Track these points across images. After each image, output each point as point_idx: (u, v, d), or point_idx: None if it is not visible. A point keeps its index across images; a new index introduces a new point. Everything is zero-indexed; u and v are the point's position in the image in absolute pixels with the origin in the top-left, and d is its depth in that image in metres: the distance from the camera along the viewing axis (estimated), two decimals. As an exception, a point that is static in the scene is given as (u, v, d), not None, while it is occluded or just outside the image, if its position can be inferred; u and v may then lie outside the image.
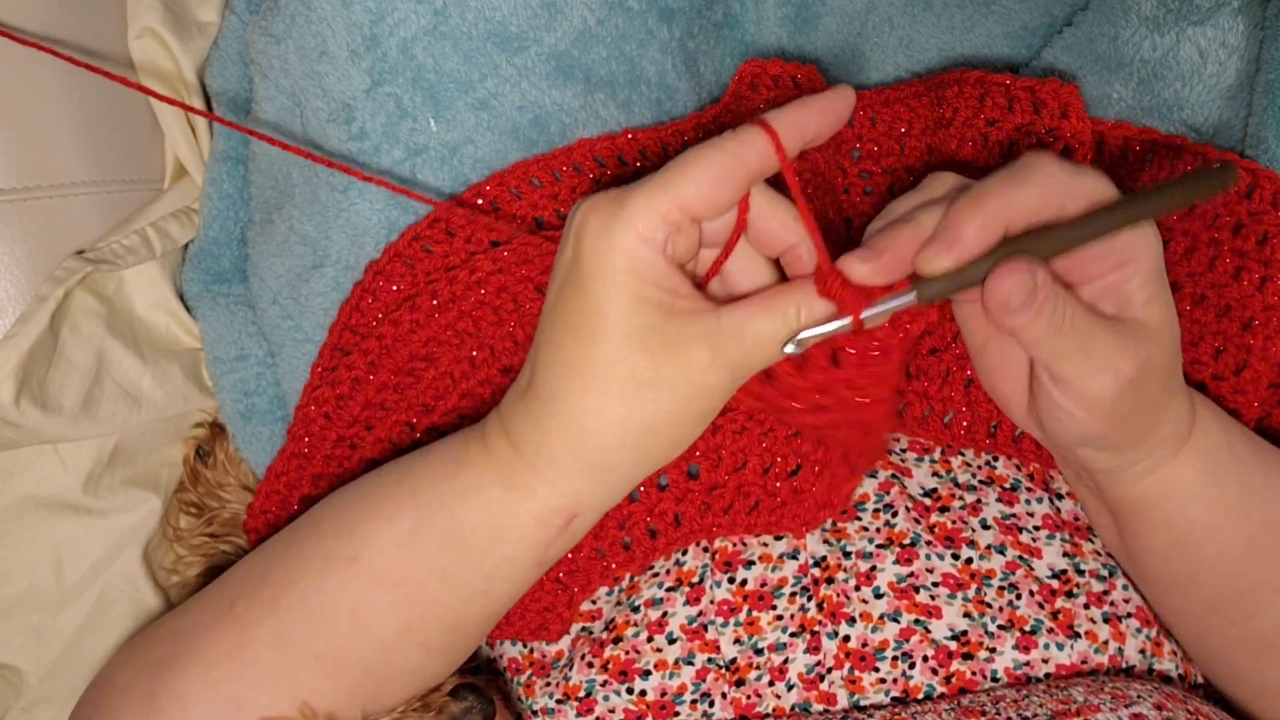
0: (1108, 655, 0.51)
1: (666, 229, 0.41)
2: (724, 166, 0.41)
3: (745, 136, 0.42)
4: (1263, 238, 0.53)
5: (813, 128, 0.43)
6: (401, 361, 0.58)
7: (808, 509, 0.53)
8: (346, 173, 0.53)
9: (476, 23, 0.56)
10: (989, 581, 0.52)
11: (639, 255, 0.41)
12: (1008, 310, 0.41)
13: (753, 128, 0.42)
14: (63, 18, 0.60)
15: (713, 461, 0.53)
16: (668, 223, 0.41)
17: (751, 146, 0.42)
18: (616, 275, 0.41)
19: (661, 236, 0.41)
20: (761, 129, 0.42)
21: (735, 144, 0.41)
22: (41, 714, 0.65)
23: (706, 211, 0.42)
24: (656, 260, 0.41)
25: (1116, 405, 0.44)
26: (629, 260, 0.41)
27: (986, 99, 0.55)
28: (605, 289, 0.41)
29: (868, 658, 0.51)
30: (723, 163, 0.41)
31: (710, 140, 0.42)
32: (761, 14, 0.65)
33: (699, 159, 0.41)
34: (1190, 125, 0.57)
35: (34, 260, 0.59)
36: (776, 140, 0.42)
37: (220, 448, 0.69)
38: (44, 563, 0.64)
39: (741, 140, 0.42)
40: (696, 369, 0.42)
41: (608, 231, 0.41)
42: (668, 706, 0.52)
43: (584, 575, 0.55)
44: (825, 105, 0.43)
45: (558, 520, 0.46)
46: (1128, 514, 0.50)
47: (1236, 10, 0.56)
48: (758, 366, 0.43)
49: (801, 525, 0.53)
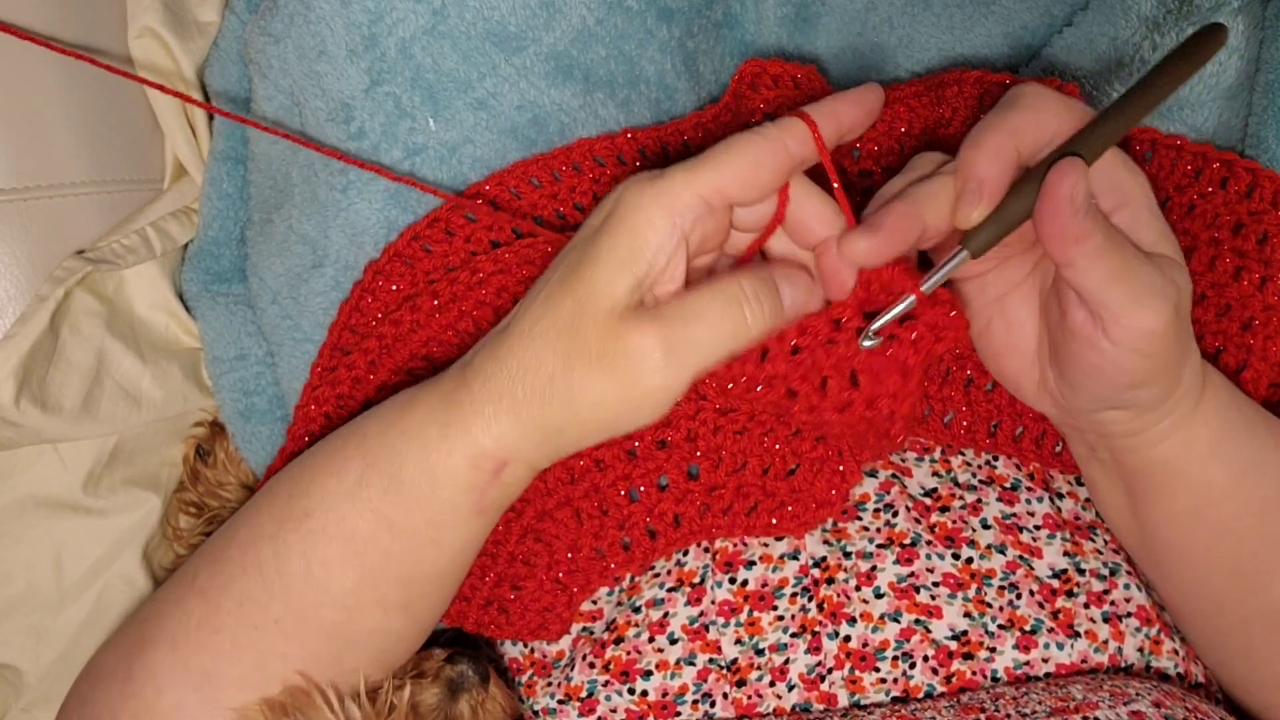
0: (1107, 654, 0.51)
1: (699, 208, 0.42)
2: (766, 152, 0.43)
3: (786, 125, 0.43)
4: (1263, 237, 0.53)
5: (848, 120, 0.45)
6: (401, 361, 0.58)
7: (806, 509, 0.53)
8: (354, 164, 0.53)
9: (475, 22, 0.56)
10: (989, 581, 0.52)
11: (658, 225, 0.42)
12: (1075, 211, 0.41)
13: (792, 118, 0.43)
14: (63, 17, 0.59)
15: (713, 462, 0.53)
16: (701, 201, 0.42)
17: (793, 134, 0.43)
18: (627, 235, 0.42)
19: (691, 216, 0.42)
20: (801, 119, 0.43)
21: (777, 131, 0.43)
22: (41, 714, 0.65)
23: (744, 194, 0.43)
24: (670, 237, 0.42)
25: (1164, 339, 0.44)
26: (645, 226, 0.42)
27: (986, 99, 0.55)
28: (611, 244, 0.43)
29: (868, 658, 0.51)
30: (765, 148, 0.43)
31: (752, 129, 0.43)
32: (761, 14, 0.65)
33: (742, 142, 0.43)
34: (1190, 125, 0.57)
35: (34, 260, 0.59)
36: (815, 130, 0.43)
37: (220, 446, 0.69)
38: (44, 563, 0.64)
39: (783, 128, 0.43)
40: (630, 348, 0.42)
41: (642, 195, 0.42)
42: (669, 707, 0.52)
43: (583, 575, 0.55)
44: (859, 99, 0.45)
45: (488, 465, 0.46)
46: (1146, 481, 0.50)
47: (1236, 10, 0.56)
48: (703, 353, 0.43)
49: (800, 526, 0.53)
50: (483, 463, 0.46)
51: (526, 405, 0.45)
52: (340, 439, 0.51)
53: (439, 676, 0.54)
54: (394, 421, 0.49)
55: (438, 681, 0.53)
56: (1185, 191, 0.55)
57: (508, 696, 0.55)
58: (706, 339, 0.43)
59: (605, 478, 0.54)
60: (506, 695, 0.55)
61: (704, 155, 0.43)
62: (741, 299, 0.43)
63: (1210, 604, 0.52)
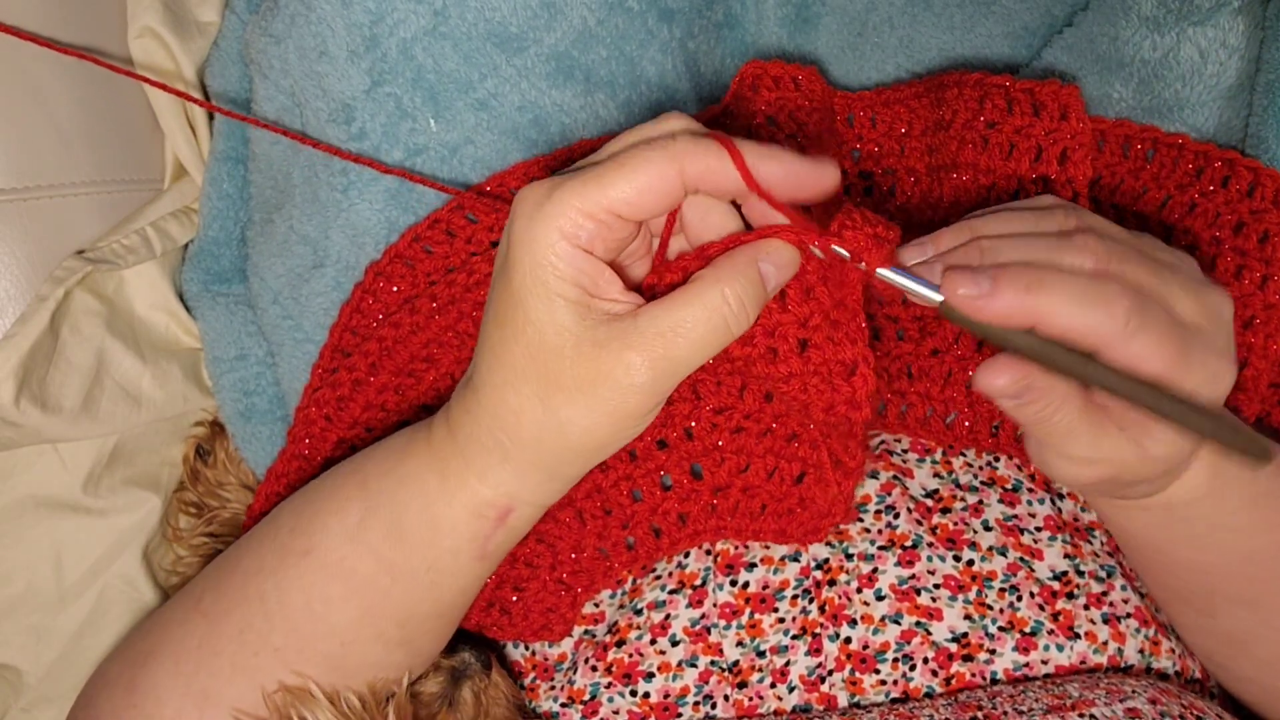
0: (1107, 655, 0.51)
1: (592, 227, 0.39)
2: (662, 174, 0.39)
3: (694, 148, 0.39)
4: (1264, 236, 0.53)
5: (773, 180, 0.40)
6: (402, 363, 0.57)
7: (812, 517, 0.53)
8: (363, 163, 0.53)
9: (476, 23, 0.56)
10: (990, 583, 0.52)
11: (560, 251, 0.39)
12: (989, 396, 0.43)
13: (710, 140, 0.40)
14: (63, 18, 0.59)
15: (715, 460, 0.53)
16: (594, 221, 0.39)
17: (696, 159, 0.39)
18: (536, 270, 0.40)
19: (585, 235, 0.39)
20: (719, 144, 0.40)
21: (680, 150, 0.39)
22: (41, 714, 0.65)
23: (635, 216, 0.40)
24: (577, 257, 0.40)
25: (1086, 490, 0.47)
26: (549, 254, 0.39)
27: (986, 101, 0.55)
28: (525, 282, 0.40)
29: (869, 660, 0.51)
30: (662, 170, 0.39)
31: (658, 141, 0.40)
32: (762, 14, 0.65)
33: (638, 160, 0.39)
34: (1191, 125, 0.57)
35: (34, 260, 0.59)
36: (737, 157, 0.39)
37: (221, 446, 0.69)
38: (44, 563, 0.64)
39: (689, 151, 0.39)
40: (614, 373, 0.40)
41: (532, 223, 0.39)
42: (671, 708, 0.52)
43: (587, 576, 0.55)
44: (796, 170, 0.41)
45: (491, 513, 0.46)
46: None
47: (1237, 10, 0.56)
48: (685, 359, 0.41)
49: (808, 535, 0.53)
50: (486, 511, 0.46)
51: (518, 452, 0.44)
52: (341, 477, 0.50)
53: (441, 665, 0.54)
54: (392, 468, 0.48)
55: (440, 670, 0.54)
56: (1187, 190, 0.55)
57: (510, 684, 0.56)
58: (688, 353, 0.40)
59: (608, 478, 0.54)
60: (509, 683, 0.55)
61: (596, 169, 0.39)
62: (724, 309, 0.40)
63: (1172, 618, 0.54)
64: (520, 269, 0.40)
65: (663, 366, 0.40)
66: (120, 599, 0.66)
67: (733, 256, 0.41)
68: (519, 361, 0.41)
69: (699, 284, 0.40)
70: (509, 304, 0.41)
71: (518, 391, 0.42)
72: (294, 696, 0.48)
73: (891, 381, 0.56)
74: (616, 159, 0.39)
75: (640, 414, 0.42)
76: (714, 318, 0.40)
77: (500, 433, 0.43)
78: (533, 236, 0.39)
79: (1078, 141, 0.53)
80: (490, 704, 0.54)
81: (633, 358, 0.40)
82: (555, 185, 0.40)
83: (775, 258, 0.41)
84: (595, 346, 0.40)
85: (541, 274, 0.39)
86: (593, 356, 0.40)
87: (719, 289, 0.40)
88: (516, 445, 0.43)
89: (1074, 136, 0.53)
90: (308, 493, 0.52)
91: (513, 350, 0.41)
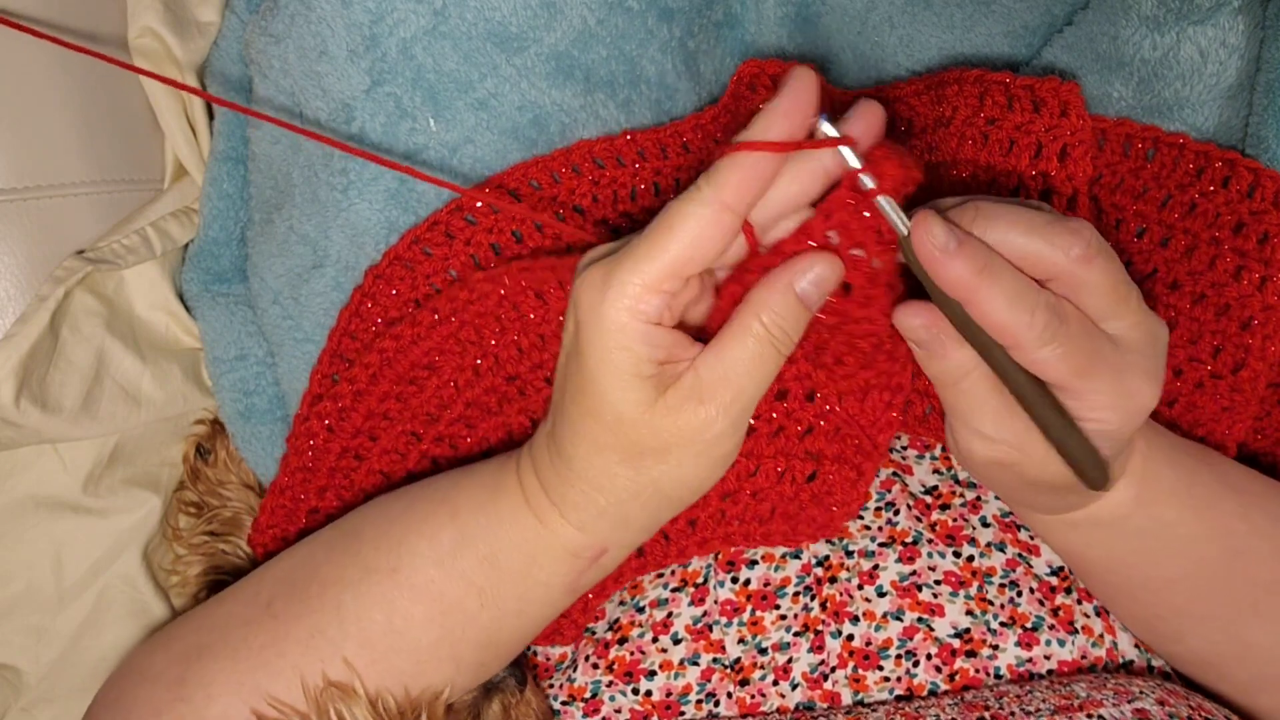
0: (1104, 649, 0.51)
1: (659, 299, 0.40)
2: (707, 221, 0.40)
3: (717, 179, 0.40)
4: (1263, 237, 0.53)
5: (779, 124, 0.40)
6: (403, 370, 0.57)
7: (826, 512, 0.53)
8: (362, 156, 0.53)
9: (476, 23, 0.56)
10: (990, 579, 0.52)
11: (631, 331, 0.41)
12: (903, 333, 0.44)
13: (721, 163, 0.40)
14: (63, 18, 0.59)
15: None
16: (659, 293, 0.40)
17: (727, 187, 0.40)
18: (609, 354, 0.41)
19: (653, 309, 0.40)
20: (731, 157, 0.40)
21: (711, 191, 0.40)
22: (41, 714, 0.65)
23: (699, 268, 0.41)
24: (648, 332, 0.41)
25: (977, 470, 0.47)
26: (621, 338, 0.41)
27: (986, 98, 0.55)
28: (599, 367, 0.41)
29: (871, 656, 0.51)
30: (705, 217, 0.40)
31: (687, 193, 0.40)
32: (761, 13, 0.65)
33: (680, 217, 0.40)
34: (1191, 124, 0.58)
35: (34, 260, 0.59)
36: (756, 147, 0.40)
37: (221, 445, 0.69)
38: (44, 563, 0.64)
39: (716, 184, 0.40)
40: (693, 429, 0.42)
41: (599, 310, 0.41)
42: (673, 706, 0.52)
43: (599, 582, 0.55)
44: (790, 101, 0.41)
45: (588, 554, 0.48)
46: None
47: (1237, 10, 0.56)
48: (751, 393, 0.42)
49: (818, 531, 0.53)
50: (583, 553, 0.48)
51: (614, 509, 0.46)
52: (430, 503, 0.51)
53: None
54: (485, 504, 0.49)
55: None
56: (1187, 190, 0.55)
57: (542, 702, 0.55)
58: (750, 387, 0.42)
59: None
60: (540, 699, 0.55)
61: (645, 240, 0.40)
62: (766, 338, 0.42)
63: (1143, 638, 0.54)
64: (593, 352, 0.41)
65: (735, 409, 0.42)
66: (120, 599, 0.66)
67: (763, 286, 0.42)
68: (600, 436, 0.43)
69: (740, 321, 0.42)
70: (582, 384, 0.43)
71: (606, 462, 0.44)
72: (337, 692, 0.48)
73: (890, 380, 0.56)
74: (660, 222, 0.40)
75: (730, 453, 0.44)
76: (760, 348, 0.42)
77: (595, 495, 0.45)
78: (601, 321, 0.41)
79: (1078, 138, 0.53)
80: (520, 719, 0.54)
81: (707, 411, 0.42)
82: (612, 266, 0.41)
83: (811, 275, 0.42)
84: (670, 412, 0.42)
85: (614, 357, 0.41)
86: (670, 421, 0.42)
87: (755, 321, 0.42)
88: (612, 504, 0.46)
89: (1074, 133, 0.53)
90: (390, 513, 0.52)
91: (592, 426, 0.43)
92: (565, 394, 0.44)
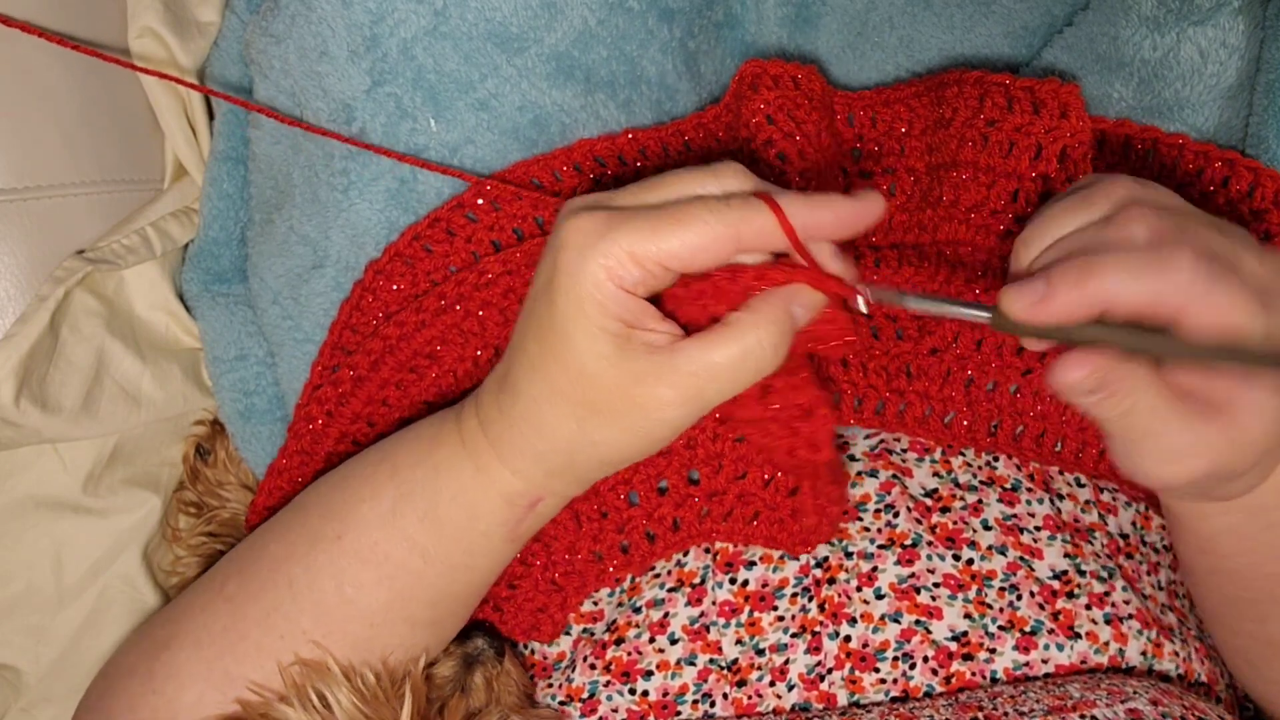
0: (1108, 656, 0.51)
1: (639, 273, 0.41)
2: (716, 238, 0.41)
3: (749, 213, 0.41)
4: (1264, 237, 0.53)
5: (823, 229, 0.42)
6: (405, 359, 0.58)
7: (804, 529, 0.53)
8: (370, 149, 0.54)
9: (477, 23, 0.56)
10: (990, 582, 0.52)
11: (605, 289, 0.41)
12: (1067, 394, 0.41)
13: (761, 204, 0.41)
14: (63, 18, 0.59)
15: (713, 468, 0.53)
16: (642, 269, 0.41)
17: (751, 225, 0.41)
18: (582, 302, 0.41)
19: (631, 279, 0.41)
20: (769, 208, 0.41)
21: (736, 217, 0.40)
22: (41, 714, 0.65)
23: (684, 269, 0.42)
24: (620, 296, 0.41)
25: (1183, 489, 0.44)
26: (595, 292, 0.41)
27: (986, 99, 0.55)
28: (569, 310, 0.41)
29: (868, 658, 0.51)
30: (717, 233, 0.40)
31: (714, 204, 0.41)
32: (762, 14, 0.65)
33: (695, 220, 0.40)
34: (1191, 125, 0.57)
35: (34, 260, 0.59)
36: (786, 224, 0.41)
37: (221, 445, 0.69)
38: (44, 563, 0.64)
39: (744, 216, 0.41)
40: (650, 405, 0.42)
41: (582, 257, 0.41)
42: (669, 706, 0.52)
43: (579, 578, 0.55)
44: (846, 211, 0.42)
45: (523, 501, 0.48)
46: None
47: (1237, 10, 0.56)
48: (715, 398, 0.42)
49: (797, 545, 0.53)
50: (518, 500, 0.48)
51: (550, 458, 0.46)
52: (370, 465, 0.51)
53: (454, 651, 0.55)
54: (423, 457, 0.49)
55: (453, 655, 0.54)
56: (1187, 190, 0.55)
57: (521, 673, 0.56)
58: (718, 393, 0.42)
59: (605, 482, 0.54)
60: (520, 672, 0.56)
61: (653, 218, 0.41)
62: (758, 353, 0.41)
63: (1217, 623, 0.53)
64: (565, 297, 0.41)
65: (694, 404, 0.42)
66: (120, 599, 0.66)
67: (771, 302, 0.42)
68: (557, 380, 0.43)
69: (738, 328, 0.42)
70: (550, 324, 0.43)
71: (554, 407, 0.44)
72: (311, 671, 0.49)
73: (890, 380, 0.56)
74: (673, 213, 0.41)
75: (666, 440, 0.44)
76: (748, 362, 0.41)
77: (535, 439, 0.45)
78: (581, 269, 0.41)
79: (1077, 140, 0.53)
80: (501, 691, 0.54)
81: (667, 394, 0.42)
82: (610, 224, 0.41)
83: (805, 301, 0.43)
84: (633, 378, 0.42)
85: (586, 306, 0.41)
86: (629, 387, 0.42)
87: (756, 334, 0.41)
88: (549, 452, 0.46)
89: (1074, 135, 0.53)
90: (334, 481, 0.53)
91: (551, 368, 0.43)
92: (528, 331, 0.44)
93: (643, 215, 0.41)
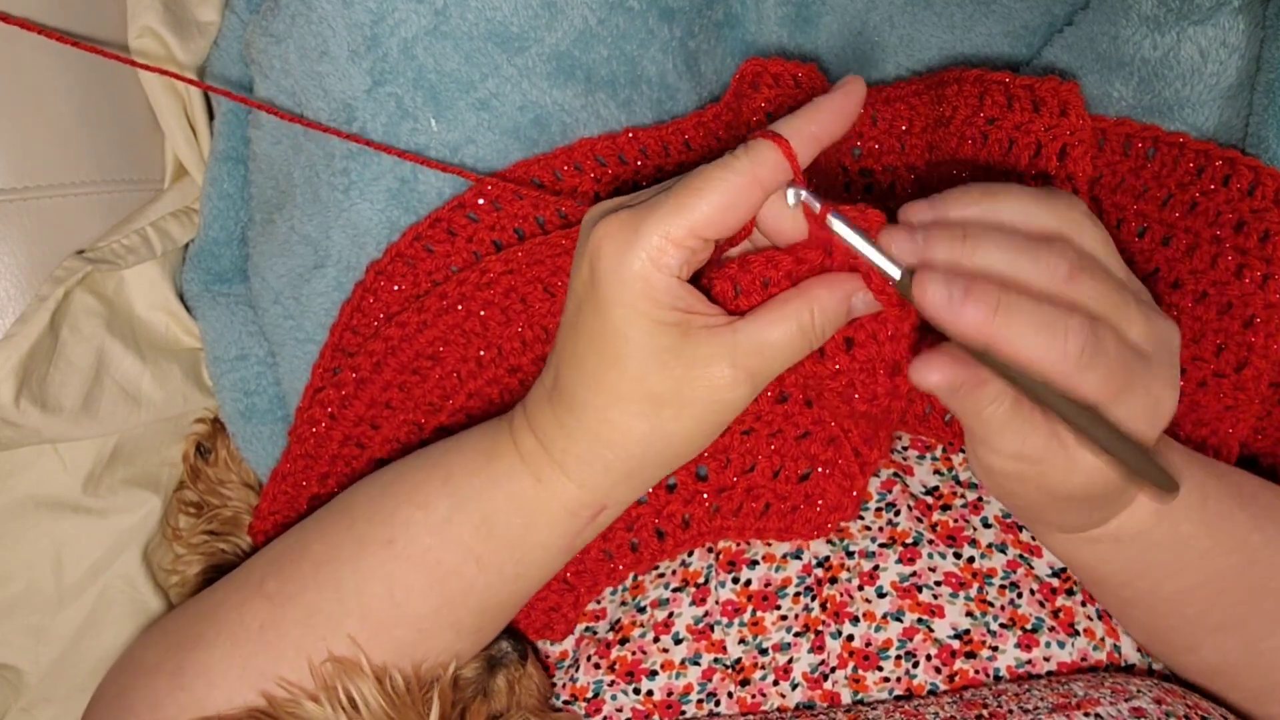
0: (1105, 652, 0.51)
1: (681, 254, 0.42)
2: (738, 189, 0.42)
3: (757, 154, 0.42)
4: (1264, 235, 0.53)
5: (825, 132, 0.43)
6: (407, 360, 0.58)
7: (820, 513, 0.53)
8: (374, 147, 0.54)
9: (477, 23, 0.56)
10: (990, 580, 0.52)
11: (655, 281, 0.42)
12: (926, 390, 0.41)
13: (763, 142, 0.42)
14: (63, 18, 0.59)
15: (721, 463, 0.53)
16: (682, 248, 0.42)
17: (764, 164, 0.42)
18: (635, 301, 0.42)
19: (676, 263, 0.42)
20: (772, 142, 0.42)
21: (748, 163, 0.42)
22: (41, 714, 0.65)
23: (720, 234, 0.43)
24: (670, 284, 0.42)
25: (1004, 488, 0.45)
26: (645, 286, 0.42)
27: (986, 97, 0.55)
28: (625, 313, 0.42)
29: (871, 657, 0.51)
30: (737, 185, 0.42)
31: (723, 160, 0.42)
32: (762, 13, 0.65)
33: (712, 181, 0.42)
34: (1191, 124, 0.58)
35: (34, 260, 0.59)
36: (789, 152, 0.42)
37: (222, 444, 0.69)
38: (44, 563, 0.64)
39: (754, 159, 0.42)
40: (717, 386, 0.43)
41: (624, 258, 0.42)
42: (674, 706, 0.52)
43: (590, 576, 0.55)
44: (835, 106, 0.43)
45: (586, 512, 0.48)
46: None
47: (1237, 9, 0.56)
48: (773, 373, 0.45)
49: (813, 530, 0.53)
50: (582, 511, 0.48)
51: (620, 464, 0.47)
52: (421, 471, 0.51)
53: (478, 652, 0.54)
54: (479, 469, 0.50)
55: (477, 656, 0.54)
56: (1187, 189, 0.55)
57: (543, 676, 0.56)
58: (777, 365, 0.44)
59: None
60: (542, 675, 0.56)
61: (673, 197, 0.42)
62: (811, 330, 0.44)
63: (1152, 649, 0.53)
64: (618, 303, 0.43)
65: (758, 380, 0.44)
66: (120, 599, 0.66)
67: (828, 284, 0.44)
68: (620, 385, 0.44)
69: (790, 306, 0.43)
70: (603, 331, 0.44)
71: (623, 412, 0.45)
72: (343, 668, 0.49)
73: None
74: (690, 185, 0.42)
75: (728, 423, 0.46)
76: (801, 337, 0.44)
77: (603, 450, 0.46)
78: (625, 268, 0.42)
79: (1077, 138, 0.53)
80: (523, 694, 0.54)
81: (735, 374, 0.43)
82: (637, 218, 0.42)
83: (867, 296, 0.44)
84: (697, 363, 0.43)
85: (639, 304, 0.42)
86: (695, 374, 0.43)
87: (809, 310, 0.43)
88: (620, 459, 0.46)
89: (1073, 133, 0.53)
90: (381, 485, 0.52)
91: (613, 375, 0.44)
92: (578, 345, 0.45)
93: (662, 199, 0.42)
